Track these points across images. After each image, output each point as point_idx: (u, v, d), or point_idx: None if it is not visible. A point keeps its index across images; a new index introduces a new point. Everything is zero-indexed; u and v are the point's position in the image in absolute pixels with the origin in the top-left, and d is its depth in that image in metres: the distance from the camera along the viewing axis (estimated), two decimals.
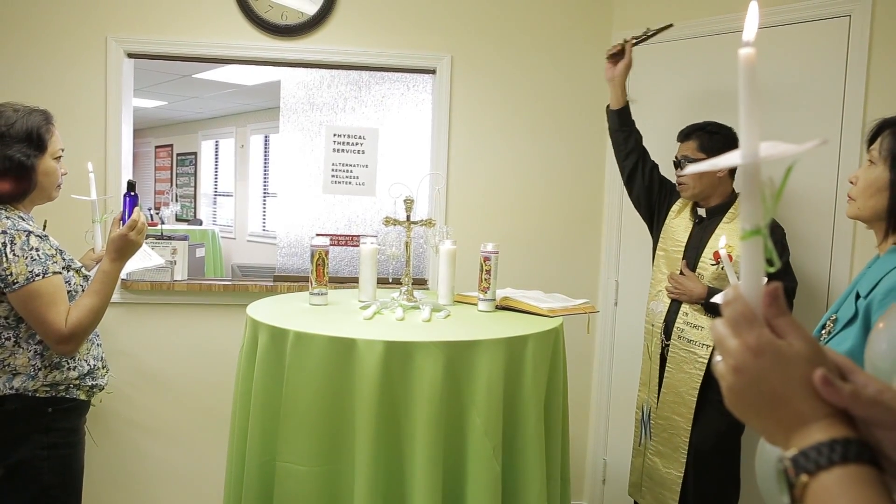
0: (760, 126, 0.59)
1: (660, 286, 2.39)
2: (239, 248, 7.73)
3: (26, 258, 1.67)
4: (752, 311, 0.59)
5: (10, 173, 1.71)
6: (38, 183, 1.78)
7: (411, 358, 1.63)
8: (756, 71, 0.58)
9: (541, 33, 2.97)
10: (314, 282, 2.12)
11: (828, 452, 0.53)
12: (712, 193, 2.32)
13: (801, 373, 0.57)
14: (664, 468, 2.31)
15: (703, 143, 2.30)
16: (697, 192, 2.33)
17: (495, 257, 2.13)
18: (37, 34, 2.70)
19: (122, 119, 2.79)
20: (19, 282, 1.66)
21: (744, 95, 0.59)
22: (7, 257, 1.65)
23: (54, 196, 1.87)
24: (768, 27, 2.45)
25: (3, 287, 1.67)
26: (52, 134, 1.80)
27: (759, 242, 0.58)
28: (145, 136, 9.01)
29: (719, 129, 2.31)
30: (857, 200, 1.40)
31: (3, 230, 1.67)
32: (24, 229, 1.71)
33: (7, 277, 1.65)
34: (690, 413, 2.23)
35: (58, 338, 1.70)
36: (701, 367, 2.21)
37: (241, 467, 1.81)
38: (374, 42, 2.88)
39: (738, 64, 0.58)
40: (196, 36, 2.78)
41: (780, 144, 0.58)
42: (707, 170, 0.63)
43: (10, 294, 1.67)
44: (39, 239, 1.72)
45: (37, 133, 1.75)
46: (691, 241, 2.34)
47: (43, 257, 1.70)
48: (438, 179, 2.90)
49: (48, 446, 1.76)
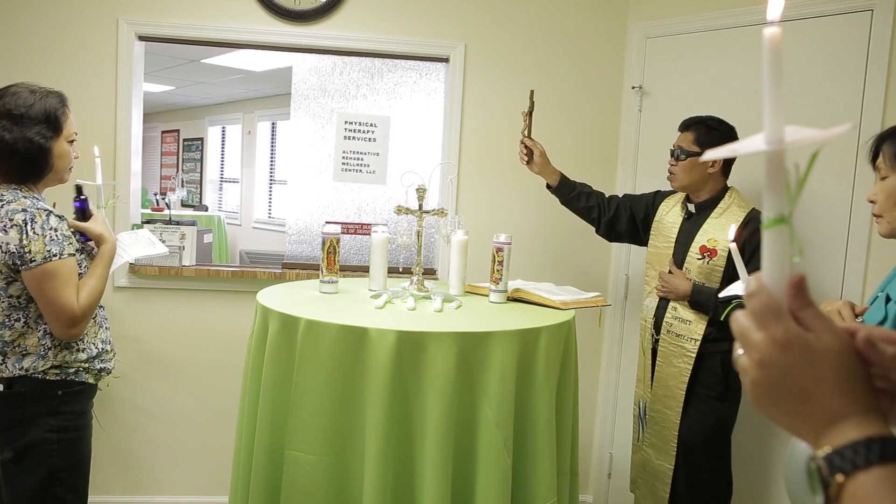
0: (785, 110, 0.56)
1: (653, 283, 2.39)
2: (244, 234, 7.73)
3: (45, 237, 1.67)
4: (777, 303, 0.56)
5: (29, 154, 1.72)
6: (52, 165, 1.77)
7: (423, 348, 1.62)
8: (781, 52, 0.55)
9: (555, 23, 2.93)
10: (325, 269, 2.10)
11: (864, 451, 0.51)
12: (702, 188, 2.30)
13: (831, 367, 0.54)
14: (656, 460, 2.33)
15: (699, 137, 2.27)
16: (686, 184, 2.31)
17: (508, 248, 2.11)
18: (48, 15, 2.68)
19: (133, 103, 2.76)
20: (36, 260, 1.65)
21: (768, 77, 0.56)
22: (28, 234, 1.65)
23: (66, 179, 1.87)
24: (788, 20, 2.41)
25: (19, 264, 1.66)
26: (68, 117, 1.81)
27: (784, 231, 0.56)
28: (152, 121, 8.99)
29: (719, 124, 2.28)
30: (884, 216, 1.39)
31: (23, 208, 1.67)
32: (44, 208, 1.71)
33: (25, 255, 1.65)
34: (679, 406, 2.25)
35: (71, 319, 1.70)
36: (689, 360, 2.22)
37: (249, 455, 1.80)
38: (388, 29, 2.85)
39: (763, 44, 0.55)
40: (208, 19, 2.75)
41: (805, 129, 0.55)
42: (727, 156, 0.61)
43: (25, 272, 1.67)
44: (58, 219, 1.72)
45: (54, 115, 1.75)
46: (680, 236, 2.33)
47: (60, 238, 1.70)
48: (450, 169, 2.88)
49: (57, 429, 1.76)
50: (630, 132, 2.93)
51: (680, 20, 2.75)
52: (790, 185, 0.56)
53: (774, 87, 0.56)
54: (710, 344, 2.20)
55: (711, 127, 2.27)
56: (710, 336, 2.20)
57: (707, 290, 2.19)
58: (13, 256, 1.65)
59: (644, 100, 2.87)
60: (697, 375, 2.23)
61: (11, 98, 1.72)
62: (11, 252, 1.65)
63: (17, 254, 1.65)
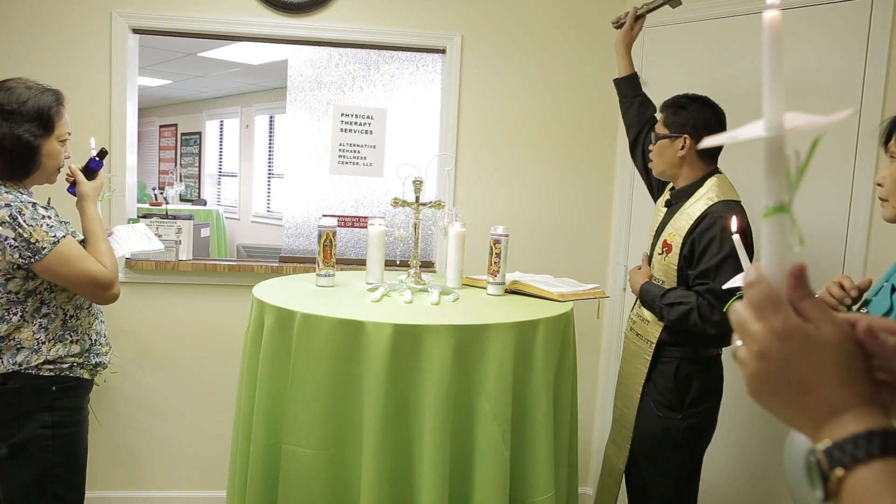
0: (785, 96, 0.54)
1: None
2: (243, 228, 7.71)
3: (41, 225, 1.66)
4: (776, 294, 0.55)
5: (16, 152, 1.70)
6: (41, 163, 1.76)
7: (420, 341, 1.60)
8: (781, 36, 0.54)
9: (553, 13, 2.91)
10: (321, 263, 2.09)
11: (865, 444, 0.50)
12: (679, 174, 2.12)
13: (832, 359, 0.53)
14: (614, 458, 2.25)
15: (667, 118, 2.11)
16: (661, 170, 2.15)
17: (505, 240, 2.09)
18: (41, 8, 2.65)
19: (127, 96, 2.74)
20: (46, 247, 1.65)
21: (768, 63, 0.54)
22: (22, 227, 1.64)
23: (54, 179, 1.86)
24: (789, 8, 2.39)
25: (30, 256, 1.65)
26: (62, 116, 1.79)
27: (783, 220, 0.55)
28: (149, 116, 8.96)
29: (688, 104, 2.08)
30: (889, 200, 1.36)
31: (6, 203, 1.66)
32: (28, 201, 1.70)
33: (32, 245, 1.64)
34: (635, 407, 2.14)
35: (108, 281, 1.74)
36: (645, 362, 2.11)
37: (246, 450, 1.79)
38: (384, 20, 2.82)
39: (763, 28, 0.54)
40: (202, 12, 2.73)
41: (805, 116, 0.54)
42: (726, 142, 0.59)
43: (39, 263, 1.66)
44: (45, 209, 1.72)
45: (46, 114, 1.73)
46: (659, 226, 2.19)
47: (56, 223, 1.70)
48: (447, 161, 2.86)
49: (52, 425, 1.75)
50: None
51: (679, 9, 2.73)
52: (790, 173, 0.54)
53: (774, 72, 0.55)
54: (666, 348, 2.08)
55: (680, 106, 2.09)
56: (664, 340, 2.07)
57: (654, 289, 2.06)
58: (19, 250, 1.64)
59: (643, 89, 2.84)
60: (653, 378, 2.11)
61: (5, 93, 1.70)
62: (14, 246, 1.63)
63: (23, 247, 1.64)
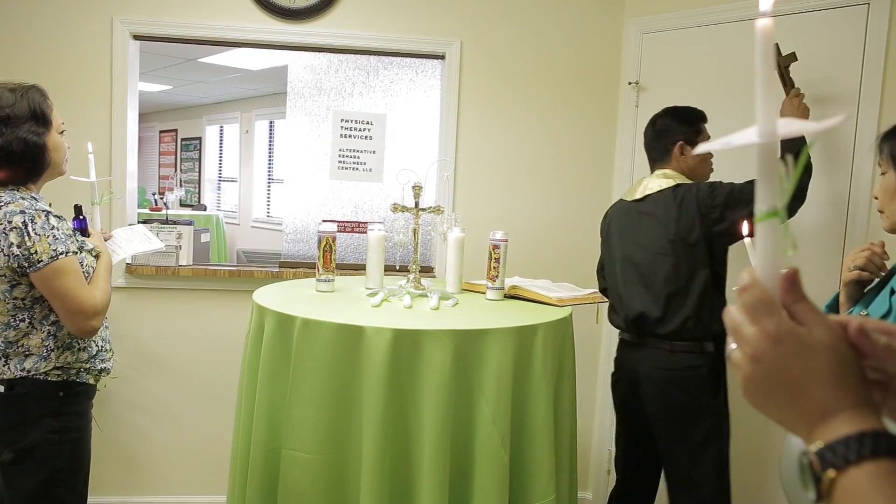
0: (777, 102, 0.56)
1: None
2: (243, 233, 7.72)
3: (48, 237, 1.65)
4: (770, 297, 0.56)
5: (26, 154, 1.69)
6: (50, 159, 1.76)
7: (420, 346, 1.61)
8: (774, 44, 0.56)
9: (551, 19, 2.92)
10: (321, 268, 2.10)
11: (856, 446, 0.51)
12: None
13: (824, 361, 0.54)
14: None
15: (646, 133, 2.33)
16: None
17: (504, 245, 2.10)
18: (42, 14, 2.67)
19: (128, 102, 2.76)
20: (43, 260, 1.64)
21: (760, 70, 0.56)
22: (29, 236, 1.63)
23: (65, 170, 1.85)
24: (785, 14, 2.41)
25: (26, 266, 1.64)
26: (52, 108, 1.78)
27: (776, 224, 0.56)
28: (150, 121, 8.98)
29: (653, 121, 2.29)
30: (885, 211, 1.41)
31: (21, 210, 1.65)
32: (42, 209, 1.69)
33: (31, 256, 1.63)
34: None
35: (92, 311, 1.70)
36: None
37: (246, 454, 1.79)
38: (383, 26, 2.84)
39: (755, 36, 0.55)
40: (203, 18, 2.74)
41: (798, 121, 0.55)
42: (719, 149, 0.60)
43: (34, 273, 1.65)
44: (57, 219, 1.70)
45: (40, 109, 1.72)
46: None
47: (63, 237, 1.69)
48: (447, 166, 2.87)
49: (59, 430, 1.75)
50: (627, 128, 2.93)
51: (676, 15, 2.75)
52: (783, 178, 0.55)
53: (766, 80, 0.56)
54: None
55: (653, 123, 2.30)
56: None
57: None
58: (18, 259, 1.63)
59: (641, 95, 2.86)
60: None
61: None
62: (15, 254, 1.63)
63: (23, 256, 1.63)
